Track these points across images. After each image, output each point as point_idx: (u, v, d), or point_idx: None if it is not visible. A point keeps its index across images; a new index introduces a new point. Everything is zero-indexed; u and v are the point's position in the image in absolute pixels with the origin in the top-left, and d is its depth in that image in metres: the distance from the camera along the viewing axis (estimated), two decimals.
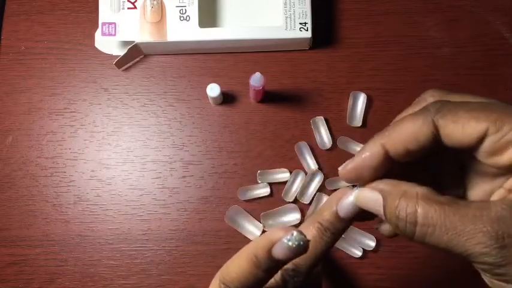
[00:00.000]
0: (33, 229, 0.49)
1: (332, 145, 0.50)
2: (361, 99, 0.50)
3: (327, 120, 0.51)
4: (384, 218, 0.24)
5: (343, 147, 0.50)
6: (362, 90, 0.51)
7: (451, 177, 0.28)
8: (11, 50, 0.53)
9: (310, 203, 0.49)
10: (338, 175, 0.51)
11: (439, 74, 0.52)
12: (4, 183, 0.50)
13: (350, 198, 0.26)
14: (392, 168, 0.25)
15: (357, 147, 0.50)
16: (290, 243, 0.22)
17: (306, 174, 0.49)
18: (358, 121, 0.50)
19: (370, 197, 0.25)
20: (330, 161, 0.50)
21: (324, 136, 0.50)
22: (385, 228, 0.28)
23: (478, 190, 0.26)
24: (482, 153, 0.24)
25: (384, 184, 0.25)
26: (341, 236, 0.27)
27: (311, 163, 0.49)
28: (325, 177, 0.49)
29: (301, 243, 0.22)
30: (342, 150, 0.50)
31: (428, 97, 0.27)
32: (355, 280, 0.48)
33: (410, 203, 0.23)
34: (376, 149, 0.25)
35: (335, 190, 0.49)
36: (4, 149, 0.51)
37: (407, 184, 0.24)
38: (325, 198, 0.48)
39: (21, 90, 0.52)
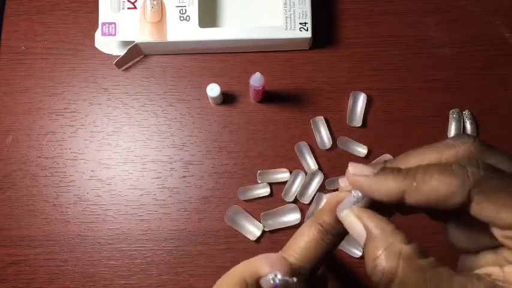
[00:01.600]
0: (33, 229, 0.49)
1: (332, 145, 0.50)
2: (361, 99, 0.50)
3: (327, 120, 0.51)
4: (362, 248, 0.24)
5: (343, 147, 0.50)
6: (362, 90, 0.51)
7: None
8: (11, 50, 0.53)
9: (310, 203, 0.49)
10: (338, 175, 0.51)
11: (439, 74, 0.52)
12: (4, 183, 0.50)
13: (344, 211, 0.25)
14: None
15: (357, 147, 0.50)
16: (273, 282, 0.22)
17: (306, 174, 0.49)
18: (358, 121, 0.50)
19: (356, 226, 0.24)
20: (330, 161, 0.50)
21: (324, 136, 0.50)
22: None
23: (465, 243, 0.26)
24: (501, 234, 0.23)
25: (373, 224, 0.24)
26: (343, 237, 0.27)
27: (311, 163, 0.49)
28: (325, 177, 0.49)
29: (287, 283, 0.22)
30: (342, 150, 0.50)
31: (461, 145, 0.24)
32: (355, 280, 0.48)
33: (390, 261, 0.22)
34: (395, 191, 0.23)
35: (335, 190, 0.49)
36: (4, 149, 0.51)
37: (395, 236, 0.23)
38: (325, 198, 0.48)
39: (21, 90, 0.52)
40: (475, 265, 0.25)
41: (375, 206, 0.25)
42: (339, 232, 0.26)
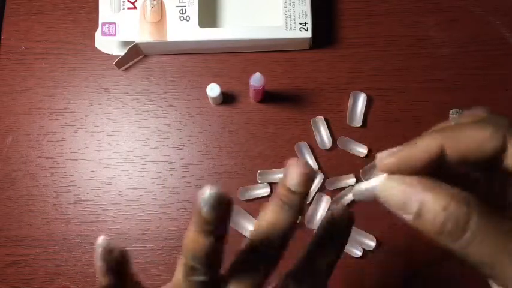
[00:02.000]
0: (33, 229, 0.49)
1: (332, 145, 0.50)
2: (361, 99, 0.50)
3: (327, 120, 0.51)
4: (409, 216, 0.22)
5: (343, 147, 0.50)
6: (362, 90, 0.51)
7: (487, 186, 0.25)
8: (11, 50, 0.53)
9: (310, 203, 0.49)
10: (338, 175, 0.51)
11: (439, 74, 0.52)
12: (4, 183, 0.50)
13: (366, 186, 0.24)
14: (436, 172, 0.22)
15: (357, 147, 0.50)
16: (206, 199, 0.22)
17: None
18: (358, 121, 0.50)
19: (401, 192, 0.22)
20: (330, 161, 0.50)
21: (324, 136, 0.50)
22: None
23: None
24: None
25: (423, 182, 0.22)
26: (301, 210, 0.25)
27: (311, 163, 0.49)
28: (325, 177, 0.49)
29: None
30: (342, 150, 0.50)
31: (482, 113, 0.25)
32: (355, 280, 0.48)
33: (462, 207, 0.20)
34: (435, 145, 0.22)
35: (335, 190, 0.49)
36: (4, 149, 0.51)
37: (454, 188, 0.21)
38: (325, 198, 0.48)
39: (21, 90, 0.52)
40: None
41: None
42: (294, 203, 0.25)
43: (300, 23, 0.49)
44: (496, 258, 0.20)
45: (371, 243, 0.48)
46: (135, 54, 0.52)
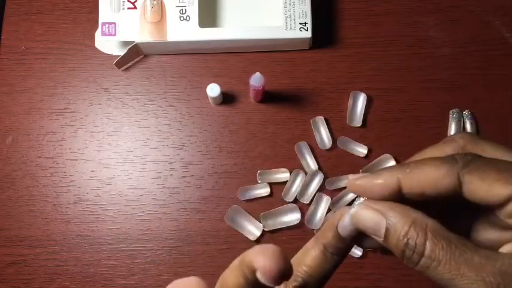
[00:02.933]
0: (33, 229, 0.49)
1: (332, 145, 0.50)
2: (361, 99, 0.50)
3: (327, 120, 0.51)
4: (380, 239, 0.24)
5: (343, 147, 0.50)
6: (362, 90, 0.51)
7: (454, 215, 0.27)
8: (11, 50, 0.53)
9: (310, 203, 0.49)
10: (338, 175, 0.51)
11: (439, 74, 0.52)
12: (4, 183, 0.50)
13: (347, 219, 0.25)
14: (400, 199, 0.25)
15: (357, 147, 0.50)
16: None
17: (306, 174, 0.49)
18: (358, 121, 0.50)
19: (371, 218, 0.24)
20: (330, 161, 0.50)
21: (324, 136, 0.50)
22: (369, 244, 0.28)
23: (483, 235, 0.26)
24: (503, 213, 0.23)
25: (389, 207, 0.24)
26: (346, 256, 0.27)
27: (311, 163, 0.49)
28: (325, 177, 0.49)
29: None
30: (342, 150, 0.50)
31: (459, 139, 0.26)
32: (355, 280, 0.48)
33: (420, 234, 0.23)
34: (391, 180, 0.24)
35: (335, 190, 0.49)
36: (4, 149, 0.51)
37: (416, 212, 0.24)
38: (325, 198, 0.48)
39: (21, 90, 0.52)
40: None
41: None
42: (341, 250, 0.26)
43: (300, 23, 0.49)
44: (452, 280, 0.22)
45: None
46: (135, 54, 0.52)
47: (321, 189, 0.49)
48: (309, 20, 0.49)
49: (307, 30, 0.49)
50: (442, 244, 0.22)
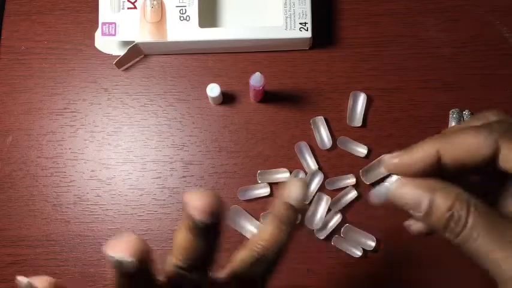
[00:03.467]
0: (33, 229, 0.49)
1: (332, 145, 0.50)
2: (361, 99, 0.50)
3: (327, 120, 0.51)
4: (419, 214, 0.25)
5: (343, 147, 0.50)
6: (362, 90, 0.51)
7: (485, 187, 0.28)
8: (11, 50, 0.53)
9: (310, 203, 0.49)
10: (338, 175, 0.51)
11: (439, 74, 0.52)
12: (4, 183, 0.50)
13: (382, 190, 0.26)
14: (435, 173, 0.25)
15: (357, 147, 0.50)
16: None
17: (306, 174, 0.49)
18: (358, 121, 0.50)
19: (412, 193, 0.25)
20: (330, 161, 0.50)
21: (324, 136, 0.50)
22: (416, 226, 0.29)
23: (510, 209, 0.26)
24: None
25: (431, 183, 0.25)
26: (296, 224, 0.28)
27: (311, 163, 0.49)
28: (325, 177, 0.49)
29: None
30: (342, 150, 0.50)
31: (491, 116, 0.27)
32: (355, 280, 0.48)
33: (463, 207, 0.23)
34: (430, 151, 0.25)
35: (335, 190, 0.49)
36: (4, 149, 0.51)
37: (458, 188, 0.24)
38: (325, 198, 0.48)
39: (21, 90, 0.52)
40: None
41: None
42: (292, 221, 0.27)
43: (300, 23, 0.49)
44: (489, 252, 0.23)
45: (371, 243, 0.48)
46: (135, 54, 0.52)
47: (321, 189, 0.49)
48: (309, 20, 0.49)
49: (307, 30, 0.49)
50: (483, 217, 0.23)
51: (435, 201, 0.24)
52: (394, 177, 0.26)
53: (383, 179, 0.48)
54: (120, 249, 0.21)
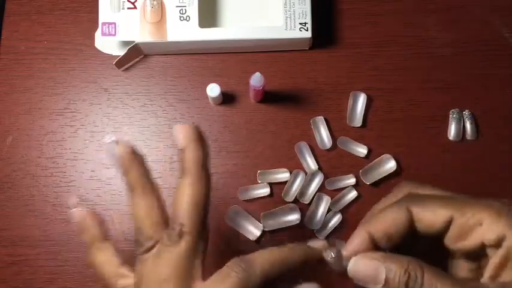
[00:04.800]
0: (33, 229, 0.49)
1: (332, 145, 0.50)
2: (361, 99, 0.50)
3: (327, 120, 0.51)
4: (378, 286, 0.28)
5: (343, 147, 0.50)
6: (362, 90, 0.51)
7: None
8: (11, 50, 0.53)
9: (310, 203, 0.49)
10: (338, 175, 0.51)
11: (439, 74, 0.52)
12: (4, 183, 0.50)
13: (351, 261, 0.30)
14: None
15: (357, 147, 0.50)
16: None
17: (306, 174, 0.49)
18: (358, 121, 0.50)
19: (369, 266, 0.28)
20: (330, 161, 0.50)
21: (324, 136, 0.50)
22: None
23: (459, 269, 0.31)
24: (450, 239, 0.29)
25: (383, 256, 0.28)
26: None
27: (311, 163, 0.49)
28: (325, 177, 0.49)
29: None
30: (342, 150, 0.50)
31: (403, 187, 0.32)
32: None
33: (417, 267, 0.27)
34: (364, 236, 0.29)
35: (335, 190, 0.49)
36: (4, 149, 0.51)
37: (406, 256, 0.28)
38: (325, 198, 0.48)
39: (21, 90, 0.52)
40: None
41: None
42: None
43: (300, 23, 0.49)
44: None
45: None
46: (135, 54, 0.52)
47: (321, 189, 0.49)
48: (309, 20, 0.49)
49: (307, 30, 0.49)
50: (436, 276, 0.27)
51: (391, 268, 0.27)
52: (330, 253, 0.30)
53: (383, 179, 0.48)
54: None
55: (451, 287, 0.26)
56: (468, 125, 0.50)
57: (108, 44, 0.52)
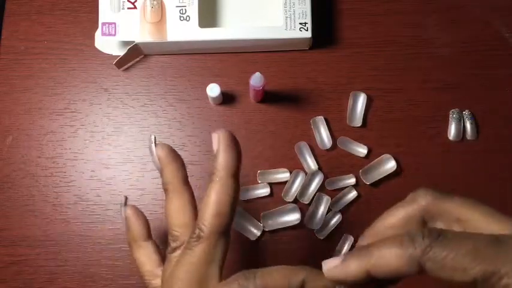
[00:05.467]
0: (33, 229, 0.49)
1: (332, 145, 0.50)
2: (361, 99, 0.50)
3: (327, 120, 0.51)
4: None
5: (343, 147, 0.50)
6: (362, 90, 0.51)
7: None
8: (11, 50, 0.53)
9: (310, 203, 0.49)
10: (338, 175, 0.51)
11: (439, 74, 0.52)
12: (4, 183, 0.50)
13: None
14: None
15: (357, 147, 0.50)
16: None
17: (306, 174, 0.49)
18: (358, 121, 0.50)
19: None
20: (330, 161, 0.50)
21: (324, 136, 0.50)
22: None
23: None
24: None
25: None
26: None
27: (311, 163, 0.49)
28: (325, 177, 0.49)
29: None
30: (342, 150, 0.50)
31: (420, 198, 0.27)
32: None
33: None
34: (361, 273, 0.25)
35: (335, 190, 0.49)
36: (4, 149, 0.51)
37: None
38: (325, 198, 0.48)
39: (21, 90, 0.52)
40: None
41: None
42: None
43: (300, 23, 0.49)
44: None
45: None
46: (135, 54, 0.52)
47: (321, 189, 0.49)
48: (309, 20, 0.49)
49: (307, 30, 0.49)
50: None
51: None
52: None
53: (383, 179, 0.48)
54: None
55: None
56: (468, 125, 0.50)
57: (108, 44, 0.52)
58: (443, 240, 0.23)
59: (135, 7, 0.49)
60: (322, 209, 0.48)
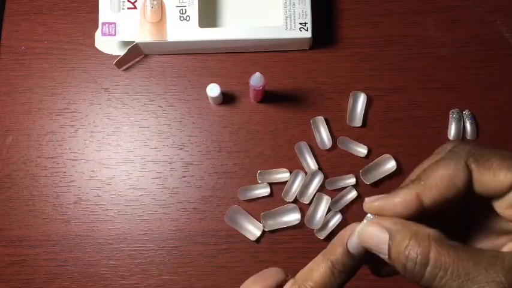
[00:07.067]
0: (33, 229, 0.49)
1: (332, 145, 0.50)
2: (361, 99, 0.50)
3: (327, 120, 0.51)
4: (385, 257, 0.24)
5: (343, 147, 0.50)
6: (362, 90, 0.51)
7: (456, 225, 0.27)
8: (11, 50, 0.53)
9: (310, 203, 0.49)
10: (338, 175, 0.51)
11: (439, 74, 0.52)
12: (4, 183, 0.50)
13: (355, 236, 0.25)
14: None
15: (357, 147, 0.50)
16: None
17: (306, 174, 0.49)
18: (358, 121, 0.50)
19: (375, 234, 0.24)
20: (330, 161, 0.50)
21: (324, 136, 0.50)
22: (385, 271, 0.28)
23: (480, 245, 0.26)
24: (503, 204, 0.23)
25: (391, 223, 0.24)
26: (355, 273, 0.26)
27: (311, 163, 0.49)
28: (325, 177, 0.49)
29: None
30: (342, 150, 0.50)
31: (449, 146, 0.26)
32: (356, 280, 0.48)
33: (422, 244, 0.22)
34: (411, 197, 0.24)
35: (335, 190, 0.49)
36: (4, 149, 0.51)
37: (417, 225, 0.23)
38: (325, 198, 0.48)
39: (21, 90, 0.52)
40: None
41: None
42: (350, 268, 0.25)
43: (300, 23, 0.49)
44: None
45: None
46: (135, 54, 0.52)
47: (321, 189, 0.49)
48: (309, 20, 0.49)
49: (307, 30, 0.49)
50: (447, 251, 0.22)
51: (393, 241, 0.23)
52: (368, 217, 0.25)
53: (383, 179, 0.48)
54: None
55: (466, 262, 0.21)
56: (468, 125, 0.50)
57: (108, 44, 0.52)
58: (485, 148, 0.24)
59: (135, 7, 0.49)
60: (322, 209, 0.48)
